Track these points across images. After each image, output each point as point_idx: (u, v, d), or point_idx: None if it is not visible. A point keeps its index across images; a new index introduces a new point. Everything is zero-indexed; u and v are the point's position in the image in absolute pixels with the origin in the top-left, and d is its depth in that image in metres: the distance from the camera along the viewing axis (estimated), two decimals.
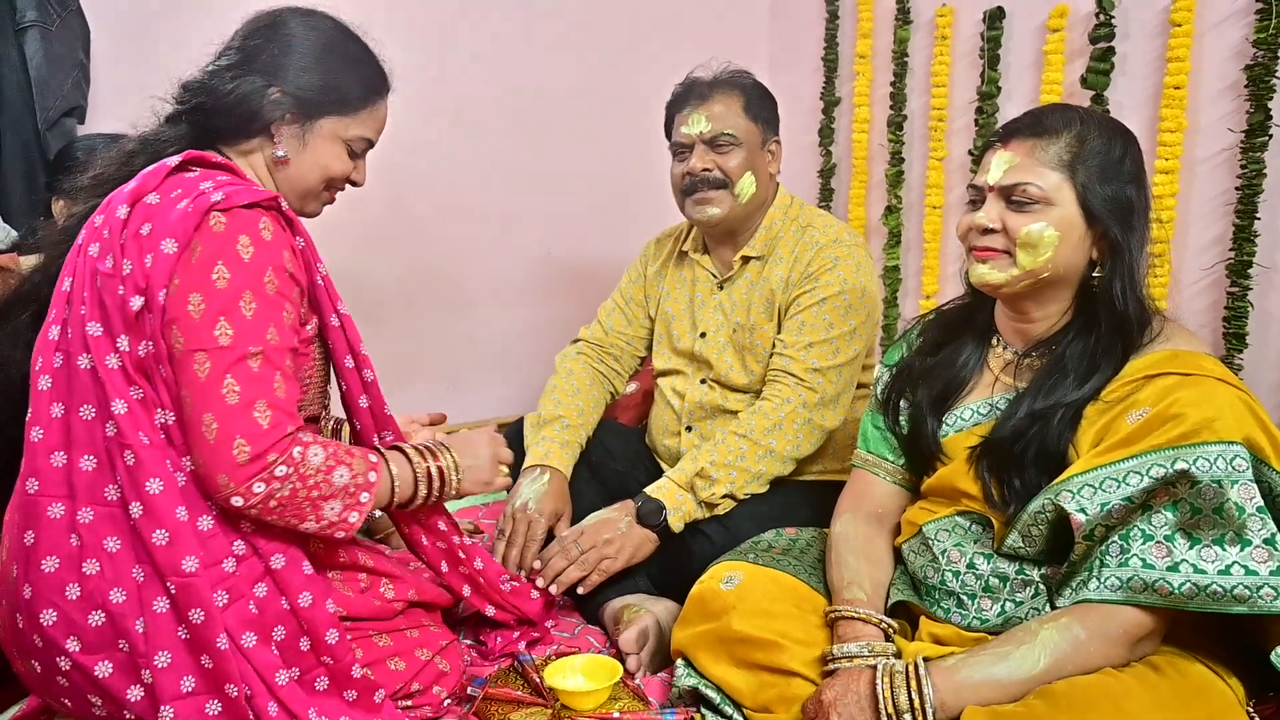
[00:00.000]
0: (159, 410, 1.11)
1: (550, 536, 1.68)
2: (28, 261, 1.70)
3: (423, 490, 1.32)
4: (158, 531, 1.08)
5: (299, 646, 1.16)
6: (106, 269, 1.12)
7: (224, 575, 1.11)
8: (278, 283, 1.15)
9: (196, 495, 1.12)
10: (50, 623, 1.09)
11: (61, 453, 1.11)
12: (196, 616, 1.07)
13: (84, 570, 1.09)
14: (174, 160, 1.18)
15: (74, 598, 1.09)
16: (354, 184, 1.40)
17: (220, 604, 1.10)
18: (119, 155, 1.28)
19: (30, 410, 1.14)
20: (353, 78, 1.34)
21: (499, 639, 1.52)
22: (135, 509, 1.08)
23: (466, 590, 1.45)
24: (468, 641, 1.54)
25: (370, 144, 1.39)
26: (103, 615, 1.09)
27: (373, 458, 1.25)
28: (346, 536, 1.21)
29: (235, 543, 1.14)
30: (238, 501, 1.10)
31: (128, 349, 1.10)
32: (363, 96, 1.34)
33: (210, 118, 1.28)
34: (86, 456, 1.11)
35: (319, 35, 1.32)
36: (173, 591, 1.08)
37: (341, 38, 1.35)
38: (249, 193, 1.15)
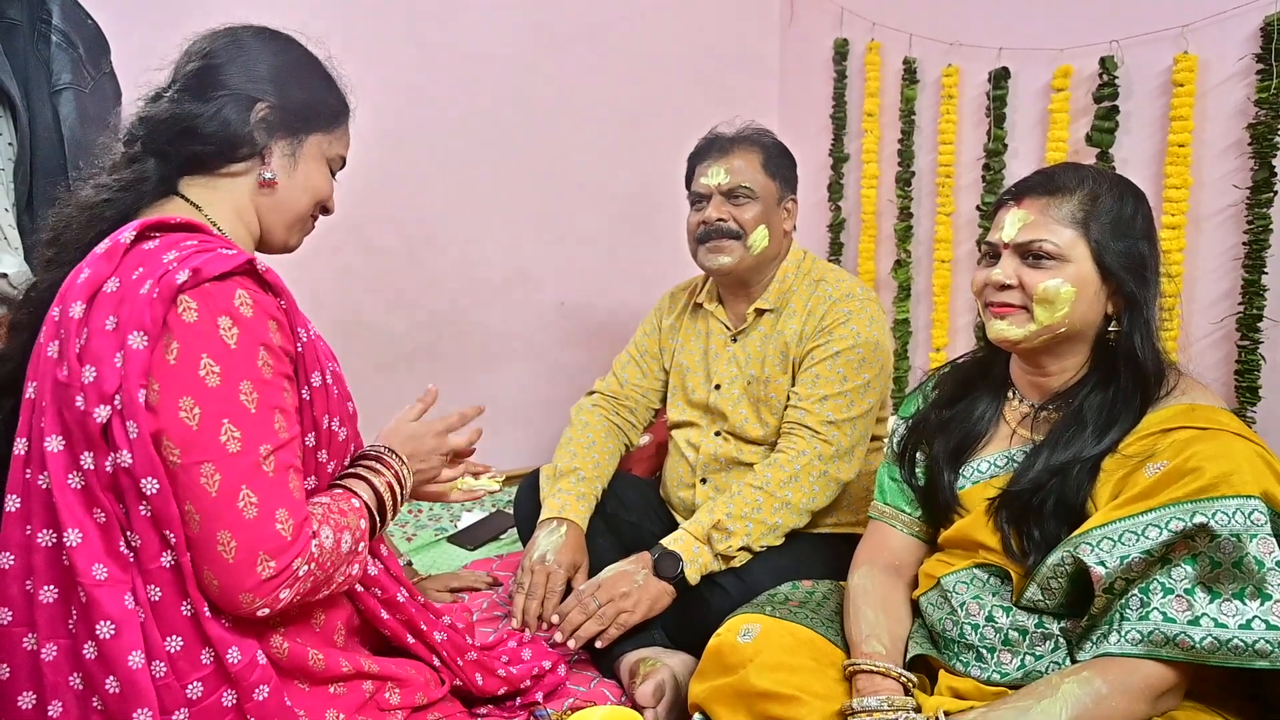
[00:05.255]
0: (127, 533, 0.99)
1: (568, 588, 1.68)
2: None
3: (389, 509, 1.21)
4: (109, 679, 0.97)
5: None
6: (63, 377, 0.98)
7: None
8: (272, 363, 1.02)
9: (157, 636, 0.99)
10: None
11: (30, 580, 1.01)
12: None
13: (49, 713, 0.99)
14: (128, 236, 1.04)
15: None
16: (326, 211, 1.29)
17: None
18: (81, 211, 1.13)
19: (2, 529, 1.03)
20: (328, 89, 1.24)
21: (518, 700, 1.50)
22: (89, 650, 0.98)
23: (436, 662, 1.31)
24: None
25: (343, 163, 1.29)
26: None
27: (355, 502, 1.14)
28: (350, 587, 1.15)
29: (191, 686, 1.00)
30: (264, 613, 1.00)
31: (93, 466, 0.97)
32: (340, 111, 1.25)
33: (186, 146, 1.14)
34: (47, 586, 1.00)
35: (287, 49, 1.22)
36: None
37: (306, 52, 1.24)
38: (218, 260, 1.01)
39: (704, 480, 1.88)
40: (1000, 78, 2.38)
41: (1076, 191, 1.23)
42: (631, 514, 1.91)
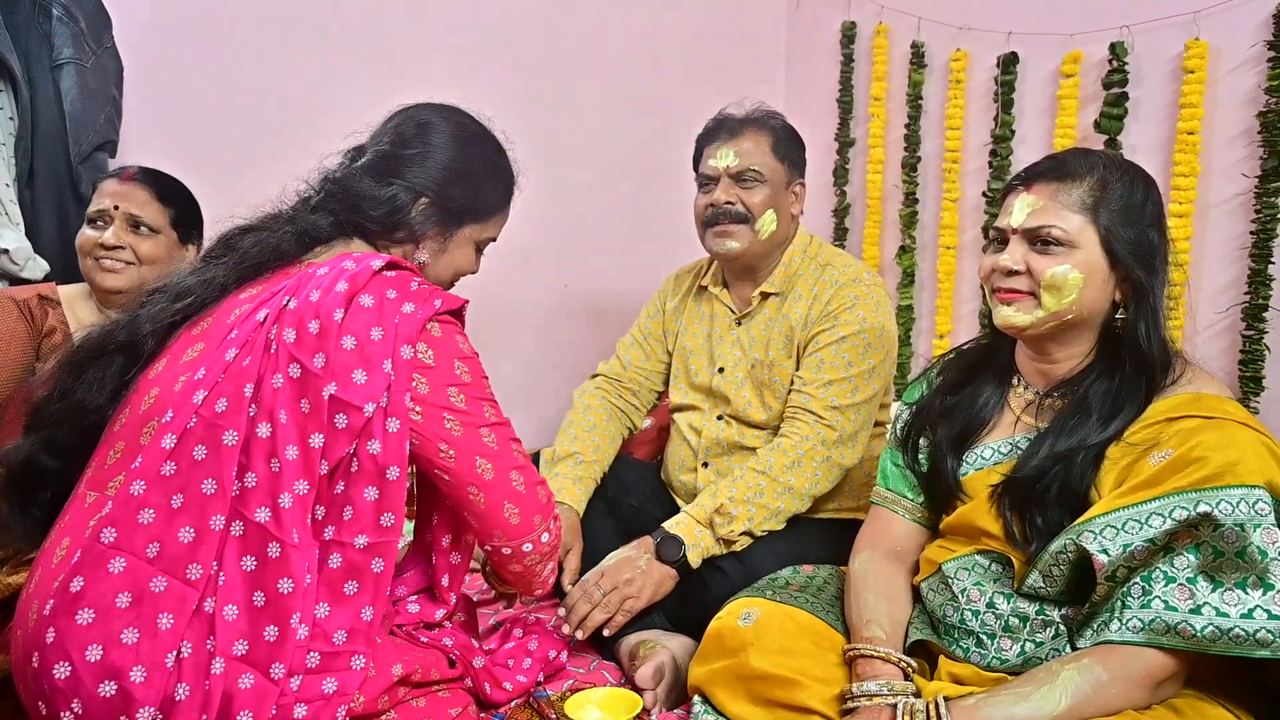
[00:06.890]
0: (317, 507, 1.13)
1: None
2: (66, 291, 1.74)
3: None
4: (270, 628, 1.08)
5: None
6: (316, 368, 1.12)
7: (287, 690, 1.09)
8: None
9: (312, 600, 1.11)
10: (62, 676, 1.03)
11: (151, 511, 1.08)
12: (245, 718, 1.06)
13: (121, 637, 1.03)
14: (378, 264, 1.22)
15: (92, 660, 1.02)
16: (470, 273, 1.46)
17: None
18: (258, 234, 1.29)
19: (139, 460, 1.10)
20: (493, 187, 1.41)
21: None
22: (258, 598, 1.09)
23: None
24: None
25: (494, 241, 1.46)
26: (114, 688, 1.02)
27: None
28: (541, 592, 1.41)
29: (310, 654, 1.11)
30: (545, 538, 1.30)
31: (320, 446, 1.11)
32: (500, 204, 1.43)
33: (355, 215, 1.32)
34: (187, 528, 1.08)
35: (466, 147, 1.38)
36: (244, 686, 1.05)
37: (486, 147, 1.41)
38: (451, 298, 1.26)
39: (706, 464, 1.88)
40: (1009, 63, 2.36)
41: (1086, 177, 1.22)
42: (633, 497, 1.91)
